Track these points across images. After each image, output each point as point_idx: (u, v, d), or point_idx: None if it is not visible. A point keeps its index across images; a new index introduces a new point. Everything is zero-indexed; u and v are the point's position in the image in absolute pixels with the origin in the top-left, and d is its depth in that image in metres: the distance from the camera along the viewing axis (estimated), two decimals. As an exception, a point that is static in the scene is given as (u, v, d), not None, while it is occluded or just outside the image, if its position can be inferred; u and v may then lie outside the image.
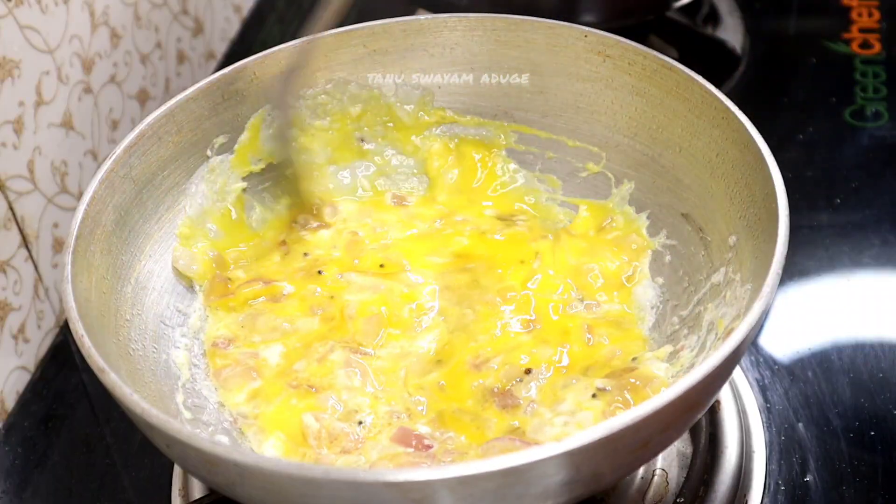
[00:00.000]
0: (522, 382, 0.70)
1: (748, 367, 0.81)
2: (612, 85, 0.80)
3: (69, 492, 0.78)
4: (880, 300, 0.86)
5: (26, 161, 0.85)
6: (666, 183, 0.78)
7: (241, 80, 0.81)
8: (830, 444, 0.75)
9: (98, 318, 0.67)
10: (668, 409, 0.54)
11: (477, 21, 0.83)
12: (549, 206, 0.84)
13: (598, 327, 0.74)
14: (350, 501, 0.53)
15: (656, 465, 0.72)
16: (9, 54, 0.82)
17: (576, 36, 0.80)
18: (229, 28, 1.22)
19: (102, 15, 0.95)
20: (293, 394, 0.72)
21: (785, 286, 0.86)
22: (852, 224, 0.92)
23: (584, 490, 0.58)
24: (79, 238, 0.68)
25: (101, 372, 0.59)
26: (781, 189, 0.65)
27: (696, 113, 0.74)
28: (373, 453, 0.68)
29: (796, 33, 1.16)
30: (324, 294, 0.78)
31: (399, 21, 0.83)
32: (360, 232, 0.82)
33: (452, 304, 0.77)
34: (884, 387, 0.78)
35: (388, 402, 0.71)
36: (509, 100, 0.84)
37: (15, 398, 0.85)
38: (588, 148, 0.82)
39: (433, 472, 0.52)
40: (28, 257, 0.86)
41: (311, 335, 0.76)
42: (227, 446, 0.55)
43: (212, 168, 0.81)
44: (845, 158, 0.99)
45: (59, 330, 0.90)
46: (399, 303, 0.77)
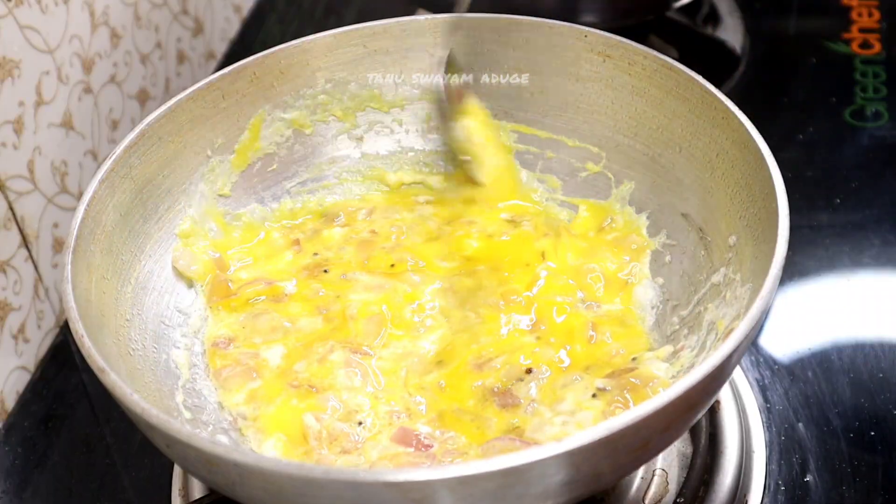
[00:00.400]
0: (523, 382, 0.70)
1: (748, 367, 0.81)
2: (612, 85, 0.80)
3: (69, 492, 0.78)
4: (880, 300, 0.86)
5: (26, 161, 0.85)
6: (666, 183, 0.78)
7: (241, 80, 0.81)
8: (830, 444, 0.75)
9: (98, 318, 0.67)
10: (668, 409, 0.54)
11: (477, 21, 0.83)
12: (549, 205, 0.84)
13: (601, 325, 0.74)
14: (350, 501, 0.53)
15: (656, 465, 0.72)
16: (9, 54, 0.82)
17: (576, 36, 0.80)
18: (229, 28, 1.22)
19: (102, 15, 0.95)
20: (294, 394, 0.72)
21: (785, 286, 0.86)
22: (852, 224, 0.92)
23: (584, 490, 0.58)
24: (79, 238, 0.68)
25: (101, 372, 0.59)
26: (781, 189, 0.65)
27: (696, 113, 0.74)
28: (373, 453, 0.68)
29: (796, 33, 1.16)
30: (328, 294, 0.78)
31: (399, 21, 0.83)
32: (374, 230, 0.82)
33: (456, 306, 0.77)
34: (884, 387, 0.78)
35: (388, 401, 0.71)
36: (509, 100, 0.84)
37: (15, 398, 0.85)
38: (588, 148, 0.82)
39: (433, 472, 0.52)
40: (28, 257, 0.86)
41: (312, 335, 0.76)
42: (227, 446, 0.55)
43: (212, 168, 0.81)
44: (845, 158, 0.99)
45: (59, 330, 0.90)
46: (402, 303, 0.77)
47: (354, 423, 0.70)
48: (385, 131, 0.87)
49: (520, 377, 0.71)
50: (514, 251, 0.80)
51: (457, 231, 0.82)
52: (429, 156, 0.87)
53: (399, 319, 0.76)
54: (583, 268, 0.78)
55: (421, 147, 0.87)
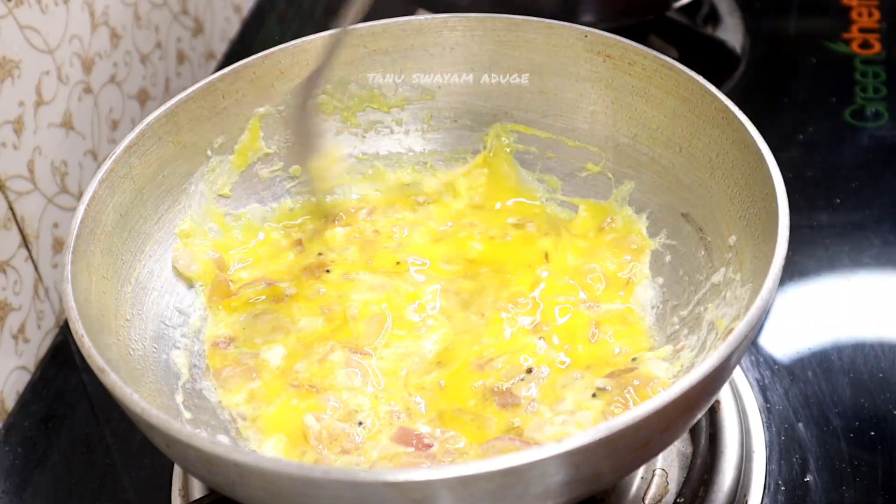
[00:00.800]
0: (524, 381, 0.71)
1: (748, 367, 0.81)
2: (612, 85, 0.80)
3: (69, 492, 0.78)
4: (880, 300, 0.86)
5: (26, 161, 0.85)
6: (666, 183, 0.78)
7: (241, 80, 0.81)
8: (830, 444, 0.75)
9: (98, 318, 0.67)
10: (668, 409, 0.54)
11: (477, 21, 0.83)
12: (549, 205, 0.84)
13: (603, 323, 0.74)
14: (350, 501, 0.53)
15: (656, 465, 0.72)
16: (9, 54, 0.82)
17: (576, 36, 0.80)
18: (229, 28, 1.22)
19: (102, 15, 0.95)
20: (294, 394, 0.72)
21: (785, 286, 0.86)
22: (852, 224, 0.92)
23: (584, 490, 0.58)
24: (79, 238, 0.68)
25: (101, 372, 0.59)
26: (781, 189, 0.65)
27: (696, 113, 0.74)
28: (373, 453, 0.68)
29: (796, 33, 1.16)
30: (329, 294, 0.78)
31: (399, 21, 0.83)
32: (377, 230, 0.83)
33: (459, 307, 0.77)
34: (884, 387, 0.78)
35: (388, 401, 0.71)
36: (509, 100, 0.84)
37: (15, 398, 0.85)
38: (588, 148, 0.82)
39: (433, 472, 0.52)
40: (28, 257, 0.86)
41: (312, 335, 0.76)
42: (227, 446, 0.55)
43: (212, 168, 0.81)
44: (845, 158, 0.99)
45: (59, 330, 0.90)
46: (403, 303, 0.77)
47: (355, 423, 0.70)
48: (385, 131, 0.86)
49: (520, 376, 0.71)
50: (517, 253, 0.80)
51: (459, 232, 0.82)
52: (429, 156, 0.87)
53: (400, 319, 0.76)
54: (583, 268, 0.78)
55: (421, 147, 0.87)
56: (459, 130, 0.86)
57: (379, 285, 0.78)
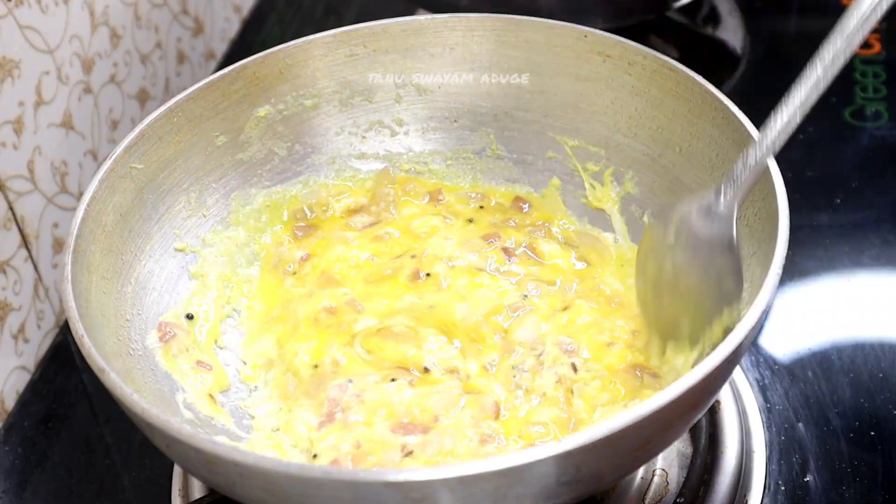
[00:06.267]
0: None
1: (748, 367, 0.81)
2: (612, 85, 0.80)
3: (69, 492, 0.78)
4: (880, 300, 0.86)
5: (26, 161, 0.85)
6: (666, 183, 0.78)
7: (241, 80, 0.81)
8: (830, 444, 0.75)
9: (98, 318, 0.67)
10: (668, 409, 0.54)
11: (477, 21, 0.83)
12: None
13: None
14: (350, 501, 0.53)
15: (656, 465, 0.72)
16: (9, 54, 0.82)
17: (576, 36, 0.80)
18: (229, 28, 1.22)
19: (102, 15, 0.95)
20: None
21: (785, 286, 0.86)
22: (852, 224, 0.92)
23: (584, 490, 0.58)
24: (79, 238, 0.68)
25: (101, 372, 0.59)
26: (781, 189, 0.65)
27: (696, 113, 0.74)
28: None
29: (796, 33, 1.16)
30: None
31: (399, 21, 0.83)
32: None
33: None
34: (884, 387, 0.78)
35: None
36: (509, 100, 0.84)
37: (15, 398, 0.85)
38: (588, 148, 0.82)
39: (433, 472, 0.52)
40: (28, 257, 0.86)
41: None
42: (227, 446, 0.55)
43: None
44: (845, 158, 0.99)
45: (59, 330, 0.90)
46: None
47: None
48: (385, 131, 0.86)
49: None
50: None
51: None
52: (429, 156, 0.87)
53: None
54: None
55: (421, 147, 0.87)
56: (459, 130, 0.86)
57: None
